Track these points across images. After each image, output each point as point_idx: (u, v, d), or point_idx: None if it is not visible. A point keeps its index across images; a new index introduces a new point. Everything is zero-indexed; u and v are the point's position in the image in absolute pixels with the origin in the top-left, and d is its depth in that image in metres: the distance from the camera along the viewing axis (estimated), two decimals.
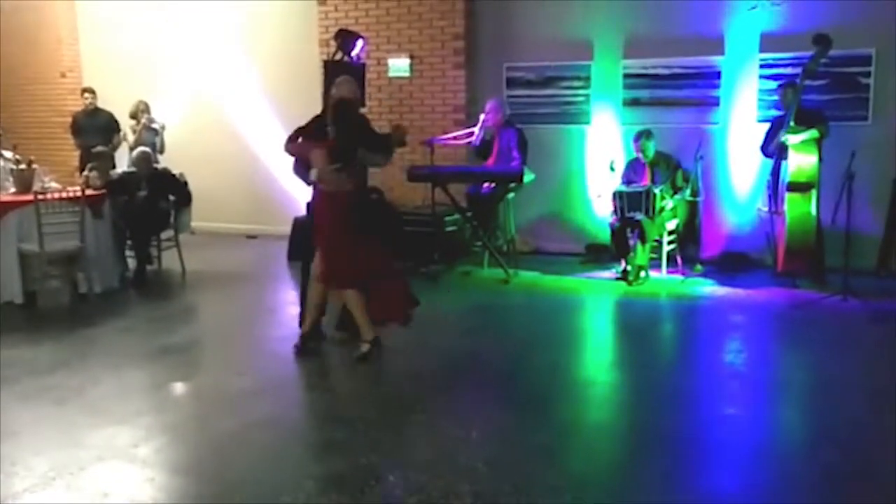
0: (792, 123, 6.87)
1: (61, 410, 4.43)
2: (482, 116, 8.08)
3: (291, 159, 5.76)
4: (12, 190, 7.05)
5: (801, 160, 6.82)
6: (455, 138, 8.13)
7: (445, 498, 3.34)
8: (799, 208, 6.86)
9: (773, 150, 7.14)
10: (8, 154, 7.59)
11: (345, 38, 8.26)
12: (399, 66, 9.08)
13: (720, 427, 4.24)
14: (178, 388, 4.95)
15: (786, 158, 6.95)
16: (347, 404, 4.67)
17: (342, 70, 8.16)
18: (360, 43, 8.27)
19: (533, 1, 8.63)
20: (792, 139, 6.86)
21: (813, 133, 6.81)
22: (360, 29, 8.74)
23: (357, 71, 8.27)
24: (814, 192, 6.86)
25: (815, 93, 7.19)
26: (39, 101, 11.19)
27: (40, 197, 6.56)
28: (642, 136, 7.55)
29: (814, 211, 6.86)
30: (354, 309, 5.23)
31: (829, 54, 6.86)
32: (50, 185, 7.33)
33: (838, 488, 3.48)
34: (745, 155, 7.92)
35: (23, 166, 7.14)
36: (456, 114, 8.89)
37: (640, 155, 7.58)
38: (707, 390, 4.90)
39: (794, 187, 6.86)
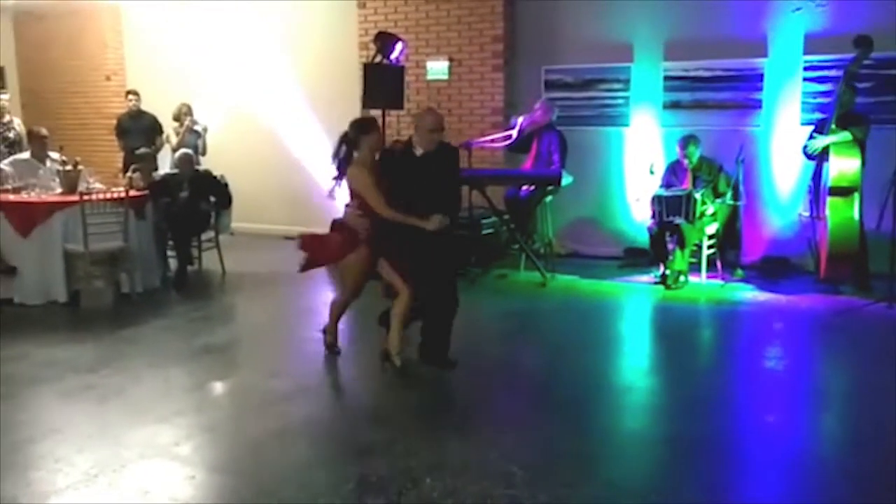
0: (833, 126, 6.75)
1: (103, 408, 4.51)
2: (520, 119, 8.06)
3: None
4: (59, 190, 7.20)
5: (843, 164, 6.69)
6: (493, 141, 8.12)
7: (482, 502, 3.34)
8: (841, 213, 6.73)
9: (810, 155, 7.02)
10: (55, 155, 7.74)
11: (384, 41, 8.33)
12: (438, 68, 9.10)
13: (759, 435, 4.18)
14: (218, 387, 5.01)
15: (827, 161, 6.83)
16: (384, 407, 4.68)
17: (382, 72, 8.25)
18: (399, 46, 8.33)
19: (572, 3, 8.59)
20: (817, 143, 6.76)
21: (845, 136, 6.69)
22: (400, 32, 8.79)
23: (396, 73, 8.35)
24: (856, 197, 6.73)
25: (860, 95, 7.05)
26: (85, 103, 11.41)
27: (85, 198, 6.69)
28: (689, 141, 7.42)
29: (856, 216, 6.73)
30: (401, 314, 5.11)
31: (875, 56, 6.74)
32: (94, 186, 7.47)
33: (878, 497, 3.40)
34: (788, 158, 7.79)
35: (69, 167, 7.28)
36: (494, 116, 8.88)
37: (685, 160, 7.48)
38: (747, 397, 4.83)
39: (835, 191, 6.74)
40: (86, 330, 6.19)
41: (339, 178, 5.27)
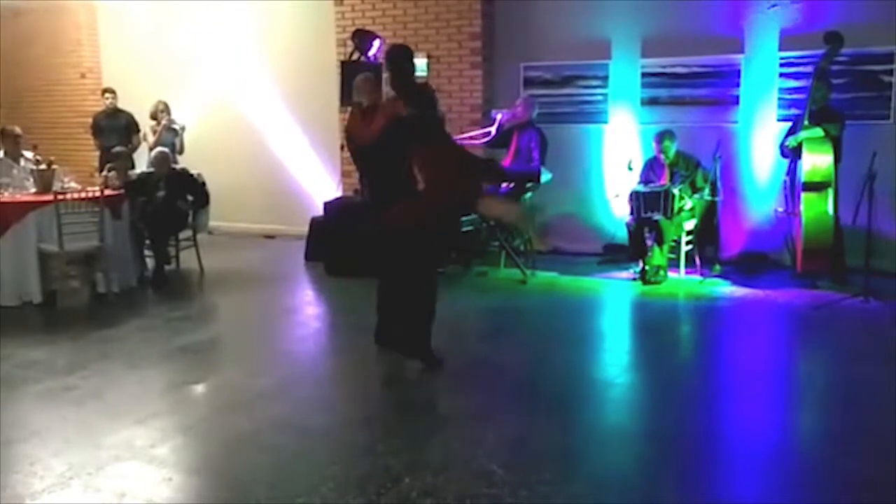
0: (806, 122, 6.81)
1: (79, 411, 4.46)
2: (499, 115, 8.07)
3: None
4: (33, 190, 7.12)
5: (816, 159, 6.75)
6: (472, 138, 8.11)
7: (461, 501, 3.33)
8: (815, 208, 6.80)
9: (787, 152, 7.09)
10: (28, 154, 7.66)
11: (362, 38, 8.30)
12: (416, 66, 9.05)
13: (739, 430, 4.20)
14: (196, 388, 4.97)
15: (801, 158, 6.89)
16: (365, 406, 4.66)
17: (359, 70, 8.20)
18: (376, 43, 8.30)
19: (550, 1, 8.59)
20: (791, 140, 6.83)
21: (817, 132, 6.75)
22: (377, 29, 8.76)
23: (374, 71, 8.31)
24: (830, 192, 6.79)
25: (835, 91, 7.10)
26: (59, 101, 11.29)
27: (60, 197, 6.61)
28: (664, 136, 7.48)
29: (830, 210, 6.79)
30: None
31: (849, 52, 6.80)
32: (69, 185, 7.39)
33: (858, 493, 3.43)
34: (765, 154, 7.85)
35: (43, 166, 7.20)
36: (473, 113, 8.87)
37: (661, 155, 7.52)
38: (727, 393, 4.86)
39: (809, 187, 6.80)
40: (62, 331, 6.12)
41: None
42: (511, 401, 4.62)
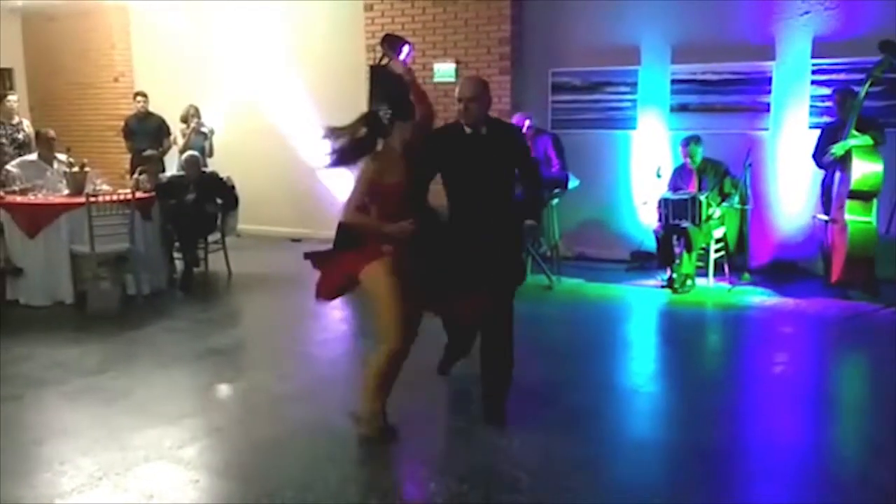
0: (853, 131, 6.69)
1: (109, 411, 4.51)
2: (526, 121, 8.04)
3: None
4: (65, 192, 7.22)
5: (866, 168, 6.61)
6: None
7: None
8: (860, 217, 6.68)
9: (828, 162, 6.94)
10: (62, 157, 7.77)
11: (391, 44, 8.26)
12: (444, 71, 9.08)
13: (767, 441, 4.15)
14: (223, 390, 5.01)
15: (841, 170, 6.79)
16: (389, 411, 4.66)
17: (388, 75, 8.23)
18: (406, 48, 8.28)
19: (580, 5, 8.57)
20: (839, 147, 6.70)
21: (866, 139, 6.64)
22: (406, 34, 8.77)
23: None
24: (875, 202, 6.69)
25: (870, 99, 7.00)
26: (92, 104, 11.43)
27: (92, 199, 6.70)
28: (691, 141, 7.44)
29: (875, 221, 6.68)
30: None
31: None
32: (101, 187, 7.48)
33: None
34: (796, 162, 7.75)
35: (76, 169, 7.30)
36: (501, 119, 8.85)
37: (688, 161, 7.47)
38: (756, 404, 4.81)
39: (856, 195, 6.67)
40: (92, 331, 6.20)
41: (342, 163, 4.17)
42: (536, 408, 4.60)
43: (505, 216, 4.21)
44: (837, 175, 6.89)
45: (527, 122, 7.87)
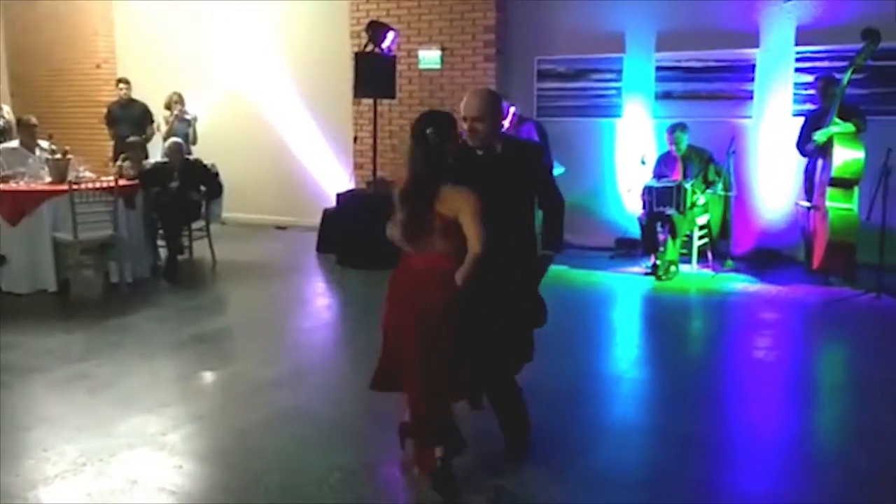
0: (836, 119, 6.73)
1: (92, 398, 4.49)
2: (511, 108, 8.05)
3: None
4: (48, 179, 7.16)
5: (847, 155, 6.66)
6: None
7: (469, 491, 3.34)
8: (841, 204, 6.74)
9: (811, 149, 6.99)
10: (44, 144, 7.71)
11: (376, 30, 8.30)
12: (430, 58, 9.07)
13: (749, 426, 4.20)
14: (207, 377, 5.00)
15: (823, 157, 6.83)
16: (374, 397, 4.67)
17: (373, 62, 8.22)
18: (390, 35, 8.30)
19: None
20: (820, 134, 6.74)
21: (848, 127, 6.68)
22: (392, 21, 8.77)
23: (387, 63, 8.33)
24: (856, 189, 6.74)
25: (852, 87, 7.04)
26: (75, 91, 11.35)
27: (75, 186, 6.66)
28: (676, 128, 7.47)
29: (856, 208, 6.74)
30: None
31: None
32: (84, 174, 7.43)
33: (868, 490, 3.43)
34: (779, 150, 7.80)
35: (58, 156, 7.24)
36: None
37: (673, 148, 7.51)
38: (739, 389, 4.85)
39: (837, 182, 6.72)
40: (75, 319, 6.18)
41: (424, 195, 3.28)
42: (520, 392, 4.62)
43: (524, 248, 3.69)
44: (820, 162, 6.94)
45: (511, 110, 7.88)
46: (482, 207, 3.23)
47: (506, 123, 7.97)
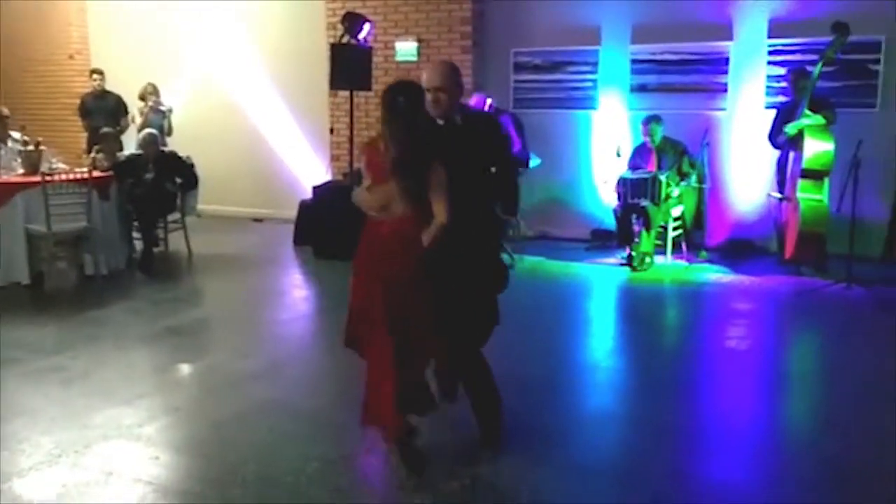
0: (806, 111, 6.81)
1: (67, 391, 4.47)
2: (488, 100, 8.07)
3: None
4: (20, 171, 7.09)
5: (818, 146, 6.75)
6: None
7: (445, 479, 3.37)
8: (812, 195, 6.83)
9: (782, 141, 7.08)
10: (16, 135, 7.63)
11: (352, 22, 8.28)
12: (406, 49, 9.07)
13: (723, 415, 4.26)
14: (184, 369, 4.99)
15: (795, 149, 6.92)
16: (351, 387, 4.68)
17: (350, 53, 8.21)
18: (367, 26, 8.28)
19: None
20: (791, 127, 6.83)
21: (818, 119, 6.77)
22: (368, 12, 8.74)
23: (364, 54, 8.31)
24: (826, 181, 6.83)
25: (823, 80, 7.13)
26: (48, 82, 11.21)
27: (48, 178, 6.60)
28: (651, 120, 7.53)
29: (826, 199, 6.83)
30: None
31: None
32: (57, 166, 7.37)
33: (839, 475, 3.50)
34: (752, 142, 7.88)
35: (31, 147, 7.18)
36: (462, 98, 8.84)
37: (648, 139, 7.57)
38: (711, 377, 4.92)
39: (808, 174, 6.82)
40: (50, 312, 6.14)
41: (418, 166, 3.37)
42: (497, 383, 4.64)
43: (483, 216, 3.74)
44: (791, 154, 7.03)
45: (488, 101, 7.90)
46: (447, 176, 3.37)
47: None
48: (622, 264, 7.54)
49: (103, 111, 9.44)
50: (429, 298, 3.45)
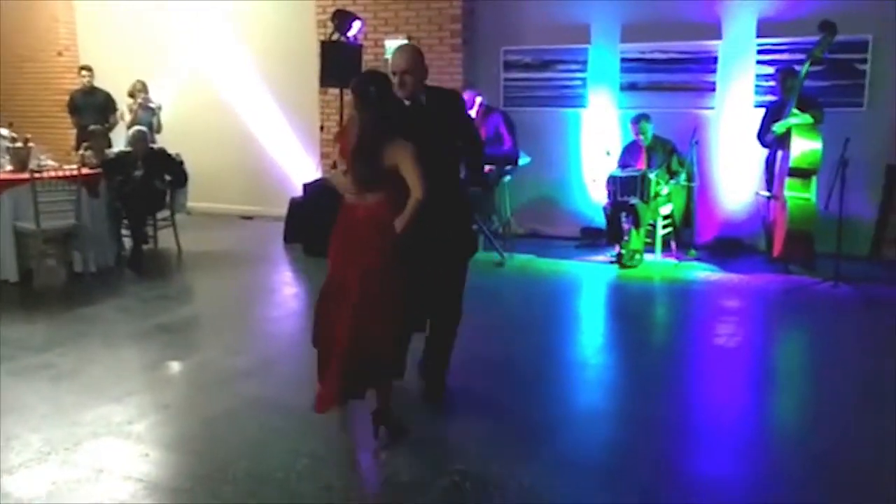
0: (794, 110, 6.85)
1: (57, 388, 4.47)
2: (478, 98, 8.09)
3: None
4: (8, 168, 7.05)
5: (805, 145, 6.78)
6: None
7: (435, 475, 3.39)
8: (799, 194, 6.87)
9: (770, 140, 7.13)
10: (4, 132, 7.59)
11: (342, 19, 8.28)
12: (396, 47, 9.04)
13: (712, 411, 4.29)
14: (174, 366, 4.98)
15: (783, 148, 6.97)
16: None
17: (340, 51, 8.20)
18: (357, 24, 8.28)
19: None
20: (779, 126, 6.87)
21: (806, 118, 6.82)
22: (358, 10, 8.74)
23: (354, 52, 8.31)
24: (814, 179, 6.87)
25: (811, 79, 7.17)
26: (35, 79, 11.15)
27: (36, 175, 6.58)
28: (641, 119, 7.56)
29: (814, 198, 6.87)
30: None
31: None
32: (46, 163, 7.33)
33: (826, 472, 3.53)
34: (741, 140, 7.92)
35: (19, 144, 7.14)
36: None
37: (639, 138, 7.59)
38: (699, 374, 4.95)
39: (795, 172, 6.86)
40: (39, 309, 6.12)
41: (375, 149, 3.61)
42: (486, 379, 4.67)
43: (453, 187, 4.13)
44: (779, 153, 7.07)
45: (478, 100, 7.91)
46: (416, 153, 3.63)
47: (472, 113, 8.06)
48: (612, 262, 7.56)
49: (92, 108, 9.41)
50: (402, 285, 3.68)
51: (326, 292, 3.80)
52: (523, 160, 7.71)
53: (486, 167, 7.87)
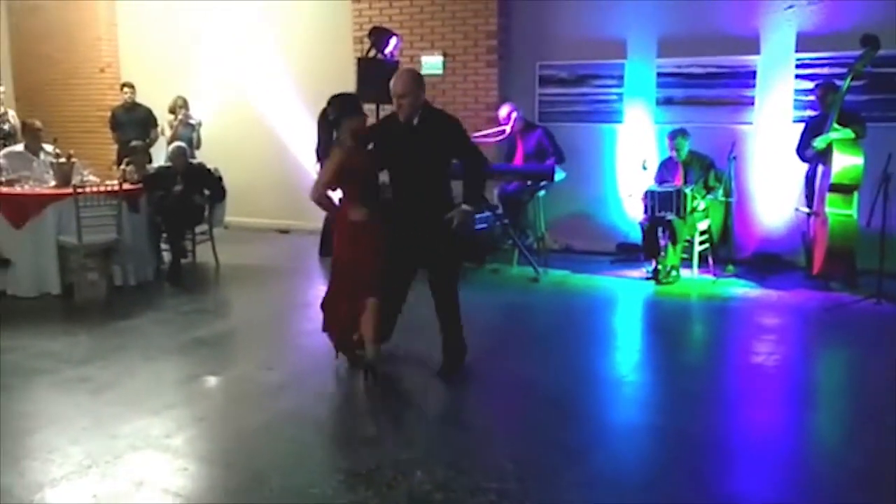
0: (835, 125, 6.76)
1: (97, 400, 4.53)
2: (514, 114, 8.10)
3: None
4: (52, 183, 7.21)
5: (847, 161, 6.67)
6: (486, 136, 8.14)
7: (471, 495, 3.37)
8: (841, 210, 6.76)
9: (811, 155, 7.03)
10: (48, 148, 7.76)
11: (378, 36, 8.35)
12: (432, 63, 9.11)
13: (750, 430, 4.22)
14: (210, 380, 5.03)
15: (823, 163, 6.87)
16: (375, 400, 4.71)
17: (376, 67, 8.26)
18: (393, 40, 8.34)
19: (567, 0, 8.62)
20: (820, 140, 6.78)
21: (847, 133, 6.72)
22: (394, 27, 8.81)
23: (390, 68, 8.36)
24: (856, 195, 6.76)
25: (851, 93, 7.06)
26: (79, 96, 11.38)
27: (79, 190, 6.71)
28: (678, 134, 7.51)
29: (855, 214, 6.76)
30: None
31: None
32: (88, 178, 7.48)
33: (867, 491, 3.46)
34: (780, 155, 7.83)
35: (62, 160, 7.30)
36: (488, 112, 8.88)
37: (674, 153, 7.54)
38: (739, 393, 4.88)
39: (837, 188, 6.74)
40: (80, 322, 6.21)
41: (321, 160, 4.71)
42: (522, 397, 4.66)
43: (436, 202, 4.59)
44: (820, 168, 6.97)
45: (514, 115, 7.94)
46: (402, 168, 4.58)
47: (507, 129, 8.09)
48: (648, 278, 7.50)
49: (133, 124, 9.59)
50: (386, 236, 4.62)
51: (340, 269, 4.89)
52: (559, 176, 7.70)
53: (523, 182, 7.91)
